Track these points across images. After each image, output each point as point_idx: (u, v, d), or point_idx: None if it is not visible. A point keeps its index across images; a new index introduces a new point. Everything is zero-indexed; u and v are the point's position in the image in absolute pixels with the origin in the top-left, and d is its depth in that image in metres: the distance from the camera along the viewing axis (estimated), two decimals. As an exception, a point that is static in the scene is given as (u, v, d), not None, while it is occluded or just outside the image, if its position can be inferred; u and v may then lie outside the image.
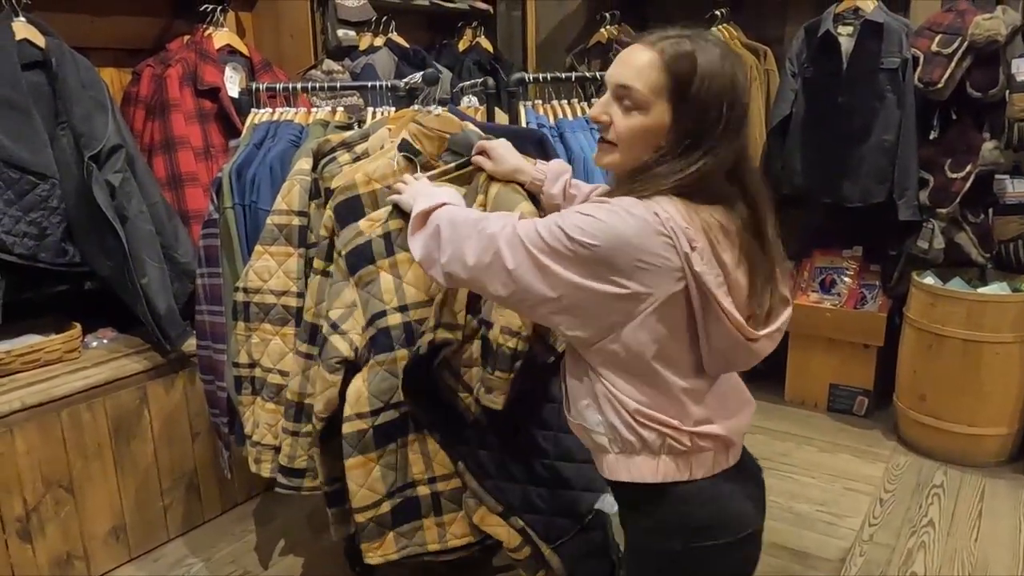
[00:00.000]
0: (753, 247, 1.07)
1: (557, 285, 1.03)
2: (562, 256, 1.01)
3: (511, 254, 1.04)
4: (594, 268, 1.00)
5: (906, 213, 2.80)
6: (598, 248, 0.99)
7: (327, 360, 1.49)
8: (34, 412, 2.03)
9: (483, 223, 1.10)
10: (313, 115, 1.95)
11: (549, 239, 1.02)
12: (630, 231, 0.99)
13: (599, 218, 1.00)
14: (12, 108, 1.99)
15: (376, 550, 1.55)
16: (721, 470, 1.13)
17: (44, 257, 2.10)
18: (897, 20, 2.81)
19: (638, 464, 1.11)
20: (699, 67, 1.01)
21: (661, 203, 1.03)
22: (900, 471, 2.72)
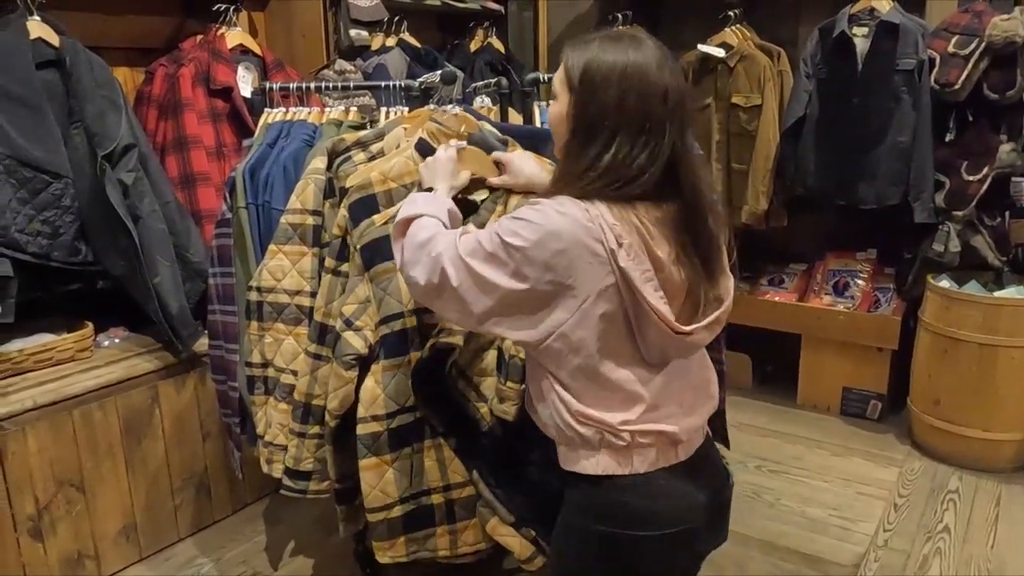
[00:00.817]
0: (688, 242, 1.11)
1: (495, 291, 1.08)
2: (500, 262, 1.07)
3: (455, 272, 1.10)
4: (529, 269, 1.05)
5: (922, 216, 2.77)
6: (529, 249, 1.04)
7: (342, 357, 1.48)
8: (46, 411, 2.03)
9: (431, 245, 1.15)
10: (326, 115, 1.94)
11: (488, 246, 1.08)
12: (560, 228, 1.04)
13: (529, 219, 1.06)
14: (26, 107, 1.99)
15: (386, 550, 1.54)
16: (664, 465, 1.16)
17: (57, 256, 2.10)
18: (913, 21, 2.79)
19: (580, 457, 1.17)
20: (589, 59, 1.08)
21: (592, 202, 1.07)
22: (914, 476, 2.69)
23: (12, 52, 1.99)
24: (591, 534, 1.17)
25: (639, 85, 1.06)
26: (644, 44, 1.09)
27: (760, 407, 3.26)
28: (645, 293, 1.07)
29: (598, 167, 1.07)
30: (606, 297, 1.07)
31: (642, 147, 1.06)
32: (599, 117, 1.07)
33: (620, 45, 1.08)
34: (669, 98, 1.07)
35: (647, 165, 1.07)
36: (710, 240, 1.13)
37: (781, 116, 3.09)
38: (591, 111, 1.08)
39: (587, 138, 1.09)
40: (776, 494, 2.59)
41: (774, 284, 3.37)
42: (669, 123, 1.07)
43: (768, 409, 3.24)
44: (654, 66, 1.07)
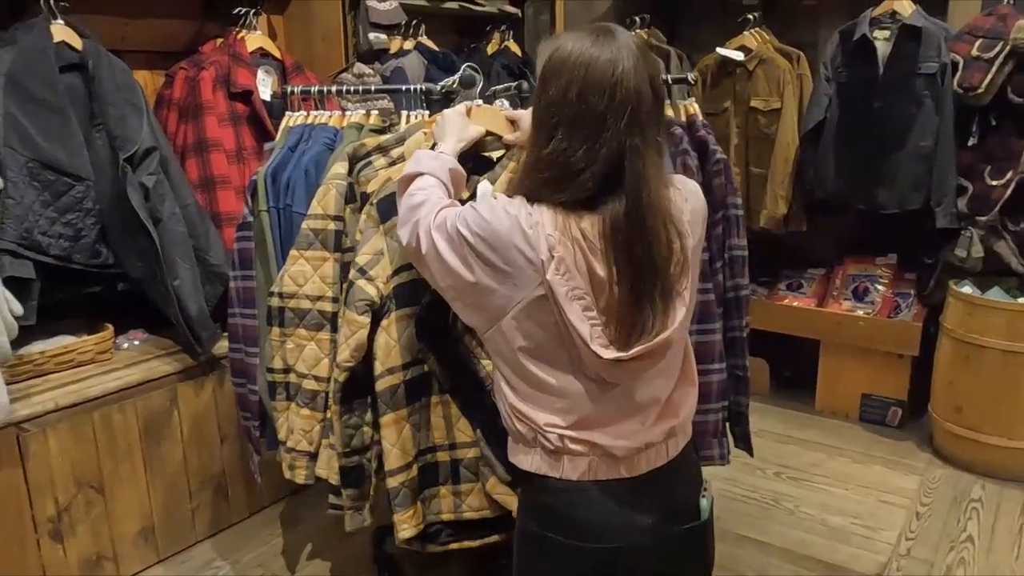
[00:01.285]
0: (623, 258, 1.05)
1: (448, 271, 1.12)
2: (455, 245, 1.11)
3: (425, 241, 1.15)
4: (473, 259, 1.08)
5: (944, 221, 2.74)
6: (474, 241, 1.08)
7: (355, 302, 1.48)
8: (67, 413, 2.04)
9: (419, 209, 1.19)
10: (347, 118, 1.94)
11: (450, 228, 1.12)
12: (502, 228, 1.06)
13: (481, 214, 1.08)
14: (50, 110, 2.00)
15: (410, 520, 1.53)
16: (601, 478, 1.12)
17: (78, 258, 2.11)
18: (936, 24, 2.76)
19: (518, 451, 1.18)
20: (551, 50, 1.07)
21: (539, 208, 1.07)
22: (936, 484, 2.66)
23: (37, 56, 2.00)
24: (528, 533, 1.19)
25: (583, 77, 1.02)
26: (612, 39, 1.04)
27: (778, 413, 3.23)
28: (568, 312, 1.05)
29: (540, 162, 1.07)
30: (537, 304, 1.06)
31: (580, 142, 1.03)
32: (545, 109, 1.07)
33: (585, 38, 1.04)
34: (617, 93, 1.01)
35: (585, 163, 1.03)
36: (651, 258, 1.05)
37: (800, 120, 3.07)
38: (541, 103, 1.08)
39: (536, 131, 1.09)
40: (796, 501, 2.56)
41: (792, 289, 3.35)
42: (614, 120, 1.02)
43: (786, 415, 3.21)
44: (609, 60, 1.01)
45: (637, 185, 1.04)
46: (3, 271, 1.89)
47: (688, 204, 1.13)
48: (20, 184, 1.95)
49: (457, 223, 1.11)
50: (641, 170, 1.04)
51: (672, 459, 1.18)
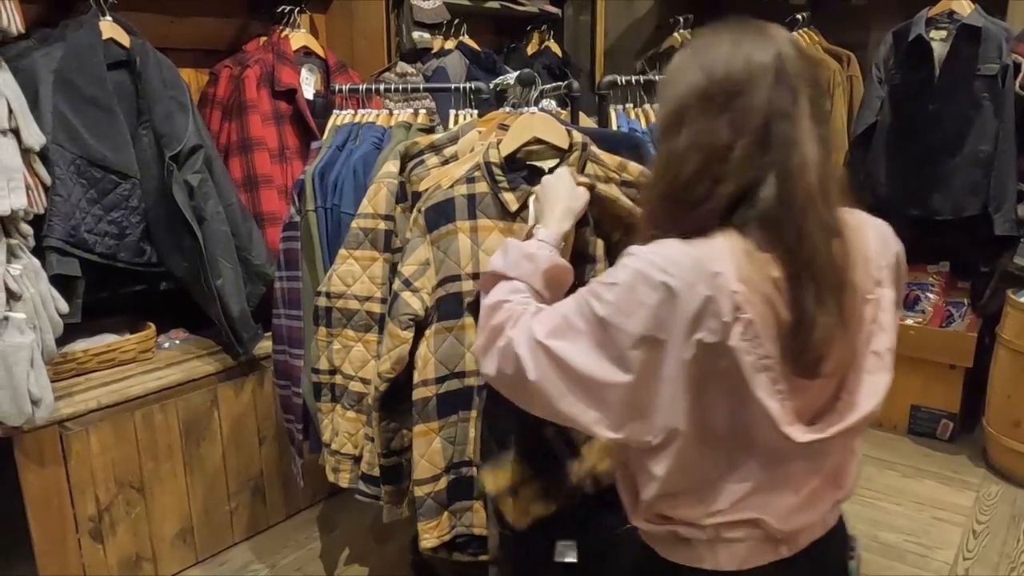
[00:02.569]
0: (800, 313, 0.84)
1: (586, 387, 0.88)
2: (596, 340, 0.86)
3: (533, 360, 0.90)
4: (633, 352, 0.84)
5: (1003, 227, 2.65)
6: (625, 324, 0.84)
7: (398, 316, 1.44)
8: (109, 412, 2.03)
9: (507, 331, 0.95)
10: (395, 117, 1.91)
11: (584, 321, 0.88)
12: (673, 290, 0.82)
13: (625, 282, 0.84)
14: (98, 107, 1.99)
15: (432, 530, 1.50)
16: (760, 564, 0.94)
17: (123, 257, 2.10)
18: (996, 24, 2.67)
19: (657, 541, 0.99)
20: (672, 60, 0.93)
21: (715, 246, 0.84)
22: (993, 501, 2.56)
23: (86, 53, 1.99)
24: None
25: (702, 59, 0.87)
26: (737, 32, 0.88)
27: (822, 424, 3.14)
28: (754, 386, 0.84)
29: (685, 164, 0.85)
30: (713, 382, 0.85)
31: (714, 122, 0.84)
32: (671, 108, 0.89)
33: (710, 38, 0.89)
34: (752, 59, 0.84)
35: (731, 143, 0.83)
36: (837, 305, 0.84)
37: (850, 123, 2.99)
38: (665, 110, 0.90)
39: (668, 136, 0.88)
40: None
41: (838, 296, 3.26)
42: (755, 89, 0.84)
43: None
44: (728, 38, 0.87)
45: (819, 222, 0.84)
46: (50, 269, 1.88)
47: (885, 247, 0.94)
48: (67, 181, 1.94)
49: (594, 308, 0.85)
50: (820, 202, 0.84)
51: (831, 527, 1.01)
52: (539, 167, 1.47)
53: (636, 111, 1.81)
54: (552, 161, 1.48)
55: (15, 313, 1.72)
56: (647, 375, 0.85)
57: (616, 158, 1.43)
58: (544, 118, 1.47)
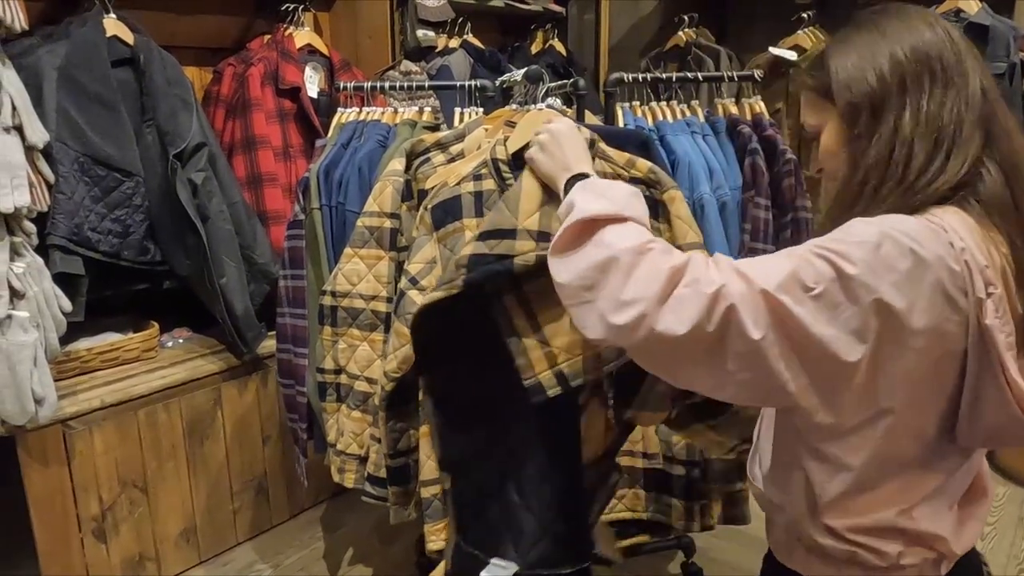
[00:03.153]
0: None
1: (808, 359, 0.77)
2: (832, 307, 0.75)
3: (752, 318, 0.75)
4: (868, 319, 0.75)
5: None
6: (872, 290, 0.74)
7: (405, 315, 1.42)
8: (112, 411, 2.02)
9: (689, 271, 0.79)
10: (400, 115, 1.90)
11: (808, 277, 0.75)
12: (928, 261, 0.76)
13: (870, 242, 0.76)
14: (102, 105, 1.98)
15: (439, 532, 1.48)
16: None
17: (127, 255, 2.09)
18: (1003, 23, 2.66)
19: (813, 566, 0.92)
20: (837, 64, 0.89)
21: (946, 219, 0.79)
22: (1000, 502, 2.54)
23: (90, 50, 1.98)
24: None
25: (906, 35, 0.84)
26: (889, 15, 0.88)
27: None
28: (1006, 361, 0.77)
29: (903, 137, 0.82)
30: (941, 362, 0.79)
31: (941, 95, 0.82)
32: (874, 87, 0.84)
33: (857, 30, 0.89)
34: (953, 35, 0.85)
35: (958, 115, 0.81)
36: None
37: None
38: (861, 88, 0.85)
39: (872, 120, 0.84)
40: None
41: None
42: (966, 60, 0.83)
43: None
44: (917, 18, 0.86)
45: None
46: (54, 267, 1.87)
47: None
48: (71, 179, 1.93)
49: (840, 265, 0.75)
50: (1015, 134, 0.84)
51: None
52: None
53: (643, 109, 1.80)
54: None
55: (18, 311, 1.71)
56: (880, 347, 0.76)
57: (624, 155, 1.42)
58: (551, 115, 1.45)
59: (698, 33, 3.29)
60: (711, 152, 1.73)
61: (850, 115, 0.86)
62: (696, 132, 1.75)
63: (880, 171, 0.83)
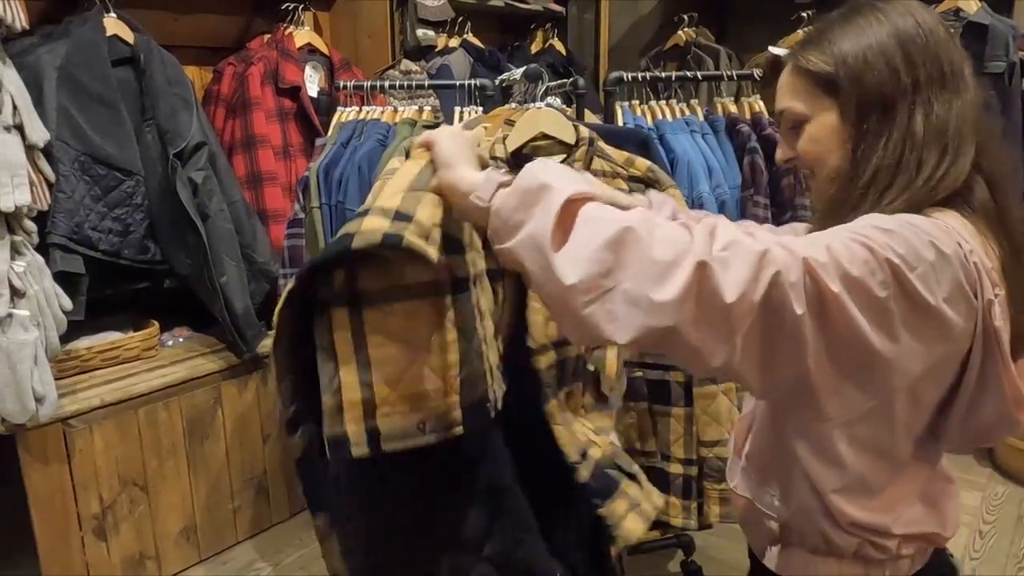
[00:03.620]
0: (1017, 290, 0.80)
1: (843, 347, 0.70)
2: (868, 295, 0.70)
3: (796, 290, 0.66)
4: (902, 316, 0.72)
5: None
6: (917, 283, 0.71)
7: None
8: (112, 409, 2.02)
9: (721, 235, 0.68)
10: (400, 114, 1.90)
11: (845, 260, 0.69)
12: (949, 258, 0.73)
13: (903, 233, 0.72)
14: (102, 104, 1.99)
15: None
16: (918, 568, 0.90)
17: (127, 254, 2.09)
18: (1003, 22, 2.66)
19: (815, 564, 0.91)
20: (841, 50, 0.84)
21: (948, 221, 0.77)
22: (999, 501, 2.55)
23: (90, 49, 1.98)
24: None
25: (917, 33, 0.82)
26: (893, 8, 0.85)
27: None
28: (1009, 362, 0.78)
29: (915, 139, 0.80)
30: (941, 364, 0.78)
31: (949, 101, 0.81)
32: (887, 86, 0.82)
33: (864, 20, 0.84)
34: (955, 39, 0.84)
35: (963, 123, 0.81)
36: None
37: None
38: (873, 85, 0.82)
39: (883, 118, 0.82)
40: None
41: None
42: (967, 68, 0.84)
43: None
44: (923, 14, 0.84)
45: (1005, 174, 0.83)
46: (54, 265, 1.87)
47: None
48: (71, 178, 1.93)
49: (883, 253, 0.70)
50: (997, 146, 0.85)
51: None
52: None
53: (642, 108, 1.80)
54: (558, 157, 1.47)
55: (19, 310, 1.71)
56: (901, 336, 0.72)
57: (623, 153, 1.43)
58: (550, 113, 1.46)
59: (698, 32, 3.30)
60: (710, 151, 1.74)
61: (860, 110, 0.83)
62: (695, 131, 1.75)
63: (890, 173, 0.81)
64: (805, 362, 0.69)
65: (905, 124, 0.81)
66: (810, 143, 0.87)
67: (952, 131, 0.81)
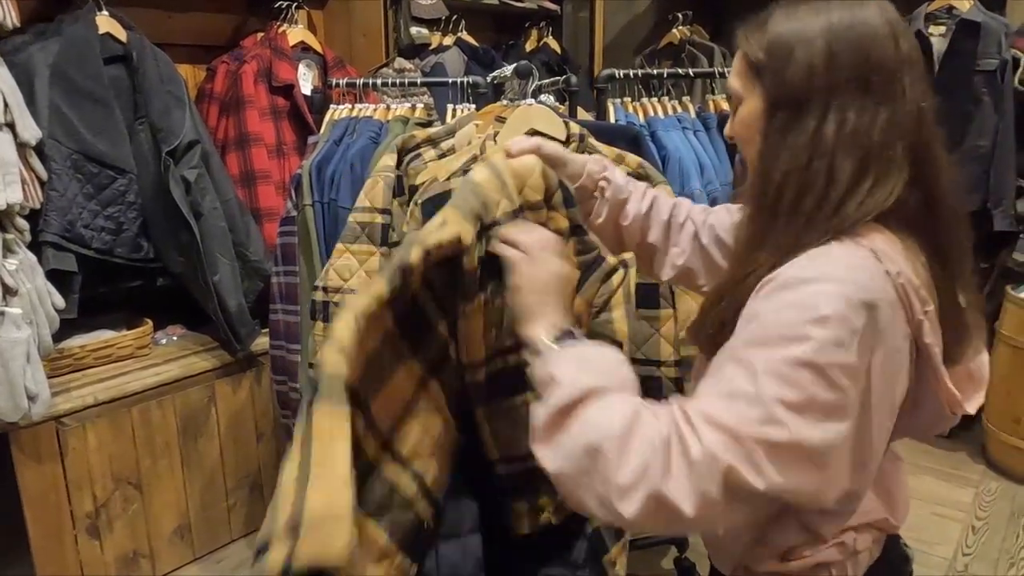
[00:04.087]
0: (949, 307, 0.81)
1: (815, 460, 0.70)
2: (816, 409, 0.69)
3: (753, 468, 0.68)
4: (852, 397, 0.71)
5: (1002, 223, 2.64)
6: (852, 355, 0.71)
7: None
8: (106, 408, 2.02)
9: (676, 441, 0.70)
10: (393, 111, 1.90)
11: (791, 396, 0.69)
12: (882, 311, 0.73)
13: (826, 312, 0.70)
14: (95, 102, 1.98)
15: None
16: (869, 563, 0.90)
17: (120, 252, 2.09)
18: (995, 19, 2.66)
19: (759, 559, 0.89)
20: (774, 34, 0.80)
21: (875, 240, 0.76)
22: (992, 497, 2.55)
23: (82, 47, 1.98)
24: None
25: (851, 32, 0.76)
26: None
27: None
28: (942, 372, 0.80)
29: (823, 146, 0.75)
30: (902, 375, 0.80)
31: (872, 110, 0.75)
32: (802, 83, 0.77)
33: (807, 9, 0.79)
34: (900, 43, 0.77)
35: (889, 136, 0.75)
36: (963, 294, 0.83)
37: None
38: (788, 80, 0.77)
39: (790, 118, 0.77)
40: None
41: (837, 293, 3.25)
42: (906, 76, 0.76)
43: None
44: (872, 12, 0.78)
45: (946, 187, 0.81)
46: (47, 264, 1.87)
47: None
48: (64, 176, 1.93)
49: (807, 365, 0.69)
50: (942, 160, 0.81)
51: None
52: None
53: (634, 105, 1.81)
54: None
55: (11, 308, 1.71)
56: (867, 400, 0.73)
57: (614, 150, 1.43)
58: (542, 110, 1.46)
59: (692, 31, 3.30)
60: (702, 148, 1.74)
61: (773, 104, 0.79)
62: (687, 128, 1.76)
63: (797, 179, 0.77)
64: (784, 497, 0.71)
65: (811, 128, 0.76)
66: (739, 124, 0.86)
67: (876, 143, 0.75)
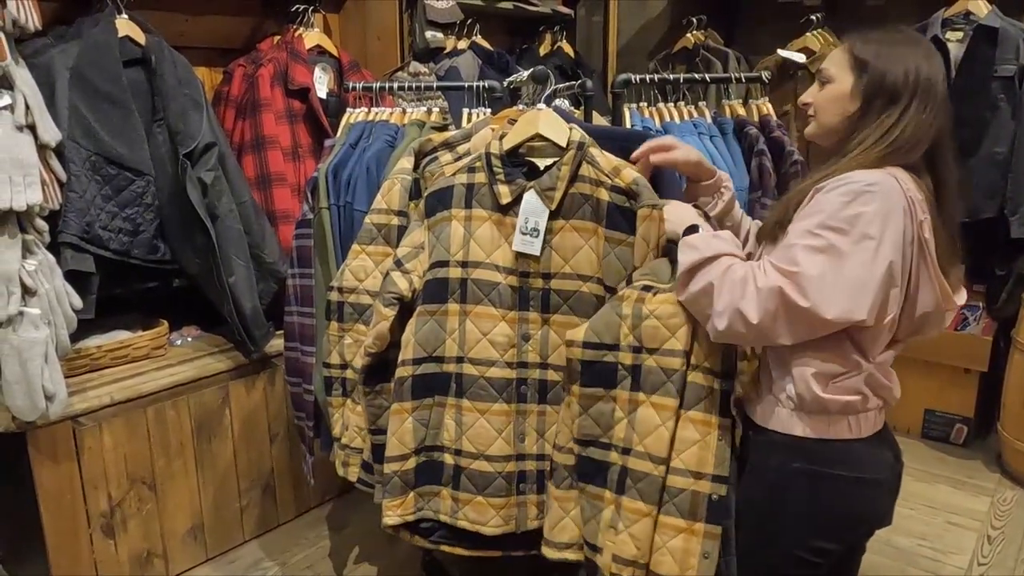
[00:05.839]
0: (941, 227, 1.20)
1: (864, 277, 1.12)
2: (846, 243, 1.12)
3: (798, 294, 1.12)
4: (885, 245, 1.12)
5: (1019, 230, 2.62)
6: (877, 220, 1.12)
7: (384, 293, 1.49)
8: (121, 408, 2.03)
9: (752, 281, 1.16)
10: (409, 115, 1.91)
11: (817, 241, 1.12)
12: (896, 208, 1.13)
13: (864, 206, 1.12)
14: (113, 104, 2.00)
15: (396, 508, 1.51)
16: (878, 429, 1.27)
17: (137, 253, 2.10)
18: (1014, 25, 2.64)
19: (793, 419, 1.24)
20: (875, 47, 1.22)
21: (897, 173, 1.17)
22: (1008, 506, 2.53)
23: (102, 50, 2.00)
24: (787, 471, 1.25)
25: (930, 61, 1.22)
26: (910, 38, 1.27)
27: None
28: (934, 260, 1.17)
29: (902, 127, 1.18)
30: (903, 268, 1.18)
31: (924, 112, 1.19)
32: (899, 84, 1.19)
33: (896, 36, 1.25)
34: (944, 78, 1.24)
35: (927, 131, 1.18)
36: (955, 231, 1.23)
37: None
38: (890, 82, 1.19)
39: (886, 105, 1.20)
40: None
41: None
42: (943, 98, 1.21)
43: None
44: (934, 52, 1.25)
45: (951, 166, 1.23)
46: (65, 264, 1.88)
47: None
48: (83, 177, 1.95)
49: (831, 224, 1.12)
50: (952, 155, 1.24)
51: None
52: (534, 163, 1.47)
53: (650, 110, 1.80)
54: (550, 159, 1.47)
55: (30, 308, 1.73)
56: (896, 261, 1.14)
57: (612, 161, 1.42)
58: (549, 115, 1.46)
59: (706, 35, 3.29)
60: (718, 153, 1.73)
61: (871, 93, 1.21)
62: (703, 133, 1.75)
63: (875, 138, 1.20)
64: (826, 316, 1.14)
65: (897, 115, 1.20)
66: (822, 97, 1.28)
67: (927, 130, 1.19)
